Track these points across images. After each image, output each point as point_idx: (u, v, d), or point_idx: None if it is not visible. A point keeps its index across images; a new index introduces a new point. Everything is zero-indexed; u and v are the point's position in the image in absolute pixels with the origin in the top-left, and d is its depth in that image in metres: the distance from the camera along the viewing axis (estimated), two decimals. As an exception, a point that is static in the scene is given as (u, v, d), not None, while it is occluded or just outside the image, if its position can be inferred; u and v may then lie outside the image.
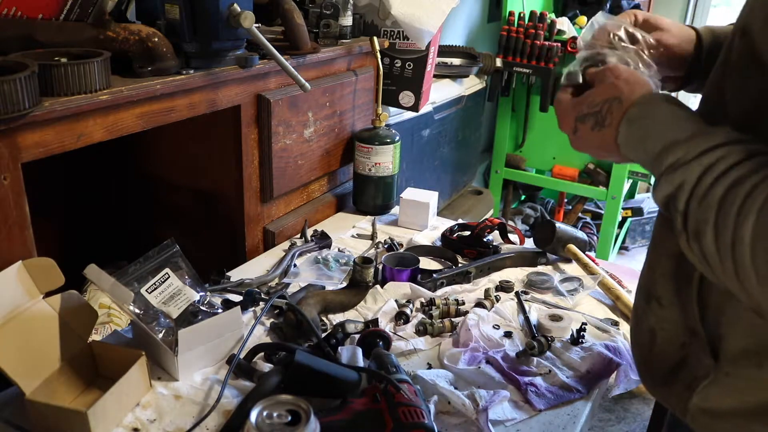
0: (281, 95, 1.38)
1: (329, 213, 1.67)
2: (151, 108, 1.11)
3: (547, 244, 1.41)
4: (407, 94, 1.85)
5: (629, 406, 2.45)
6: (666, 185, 0.63)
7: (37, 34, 1.04)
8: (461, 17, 2.95)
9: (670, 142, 0.64)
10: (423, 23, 1.63)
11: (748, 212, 0.55)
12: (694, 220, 0.60)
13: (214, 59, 1.19)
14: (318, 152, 1.56)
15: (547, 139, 3.14)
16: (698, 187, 0.60)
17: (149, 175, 1.61)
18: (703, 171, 0.60)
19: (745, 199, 0.55)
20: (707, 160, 0.60)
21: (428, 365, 1.06)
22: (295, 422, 0.70)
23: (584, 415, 0.97)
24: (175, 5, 1.12)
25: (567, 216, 3.57)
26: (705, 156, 0.60)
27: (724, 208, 0.57)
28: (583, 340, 1.12)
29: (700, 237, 0.59)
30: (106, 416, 0.88)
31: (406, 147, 2.10)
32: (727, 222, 0.56)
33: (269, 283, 1.30)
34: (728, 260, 0.57)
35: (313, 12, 1.48)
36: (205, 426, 0.90)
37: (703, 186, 0.59)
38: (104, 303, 1.37)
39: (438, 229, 1.59)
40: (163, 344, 1.00)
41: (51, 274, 0.95)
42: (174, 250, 1.10)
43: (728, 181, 0.57)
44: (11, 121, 0.88)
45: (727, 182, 0.57)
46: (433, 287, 1.29)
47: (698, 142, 0.61)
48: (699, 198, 0.59)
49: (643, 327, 0.81)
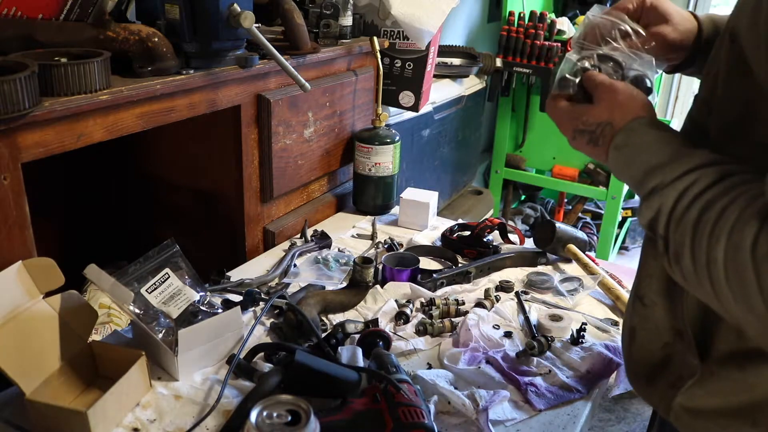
0: (281, 95, 1.38)
1: (329, 213, 1.67)
2: (151, 108, 1.11)
3: (547, 244, 1.41)
4: (407, 94, 1.85)
5: (629, 406, 2.45)
6: (647, 211, 0.65)
7: (37, 34, 1.04)
8: (461, 17, 2.95)
9: (650, 168, 0.66)
10: (423, 23, 1.63)
11: (719, 234, 0.56)
12: (674, 243, 0.62)
13: (214, 59, 1.19)
14: (318, 152, 1.56)
15: (547, 139, 3.14)
16: (675, 211, 0.61)
17: (149, 175, 1.61)
18: (679, 195, 0.61)
19: (717, 221, 0.57)
20: (682, 185, 0.61)
21: (428, 365, 1.06)
22: (295, 422, 0.70)
23: (584, 415, 0.97)
24: (175, 5, 1.12)
25: (567, 216, 3.57)
26: (680, 180, 0.62)
27: (698, 231, 0.58)
28: (583, 340, 1.12)
29: (680, 259, 0.61)
30: (106, 416, 0.88)
31: (406, 147, 2.10)
32: (702, 244, 0.58)
33: (269, 283, 1.30)
34: (706, 281, 0.58)
35: (313, 12, 1.48)
36: (205, 426, 0.90)
37: (679, 210, 0.61)
38: (104, 303, 1.37)
39: (438, 229, 1.59)
40: (163, 344, 1.00)
41: (51, 274, 0.95)
42: (174, 250, 1.10)
43: (701, 204, 0.59)
44: (11, 121, 0.88)
45: (699, 205, 0.59)
46: (433, 287, 1.29)
47: (674, 167, 0.63)
48: (676, 221, 0.61)
49: (625, 325, 0.83)
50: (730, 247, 0.55)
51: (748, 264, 0.53)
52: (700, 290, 0.61)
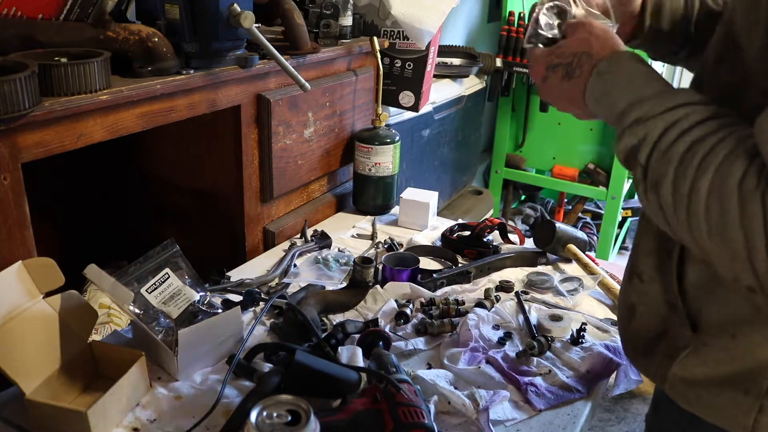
0: (281, 95, 1.38)
1: (329, 213, 1.67)
2: (151, 108, 1.11)
3: (547, 244, 1.41)
4: (407, 94, 1.85)
5: (629, 406, 2.45)
6: (629, 137, 0.66)
7: (37, 34, 1.04)
8: (461, 17, 2.95)
9: (636, 98, 0.66)
10: (423, 23, 1.63)
11: (706, 168, 0.57)
12: (655, 171, 0.62)
13: (214, 59, 1.19)
14: (318, 152, 1.56)
15: (547, 139, 3.14)
16: (661, 141, 0.62)
17: (149, 175, 1.61)
18: (667, 127, 0.62)
19: (705, 155, 0.58)
20: (670, 117, 0.62)
21: (428, 365, 1.06)
22: (295, 422, 0.70)
23: (584, 415, 0.97)
24: (175, 5, 1.12)
25: (567, 216, 3.57)
26: (669, 113, 0.63)
27: (684, 163, 0.59)
28: (583, 340, 1.12)
29: (659, 188, 0.62)
30: (106, 416, 0.88)
31: (406, 147, 2.10)
32: (686, 176, 0.59)
33: (269, 283, 1.30)
34: (683, 212, 0.60)
35: (313, 12, 1.48)
36: (205, 426, 0.90)
37: (666, 141, 0.62)
38: (104, 303, 1.37)
39: (438, 229, 1.59)
40: (163, 344, 1.00)
41: (51, 274, 0.95)
42: (174, 250, 1.10)
43: (690, 138, 0.60)
44: (11, 121, 0.88)
45: (689, 139, 0.60)
46: (433, 287, 1.29)
47: (663, 100, 0.64)
48: (661, 152, 0.62)
49: (624, 303, 0.85)
50: (717, 179, 0.56)
51: (734, 197, 0.55)
52: (673, 220, 0.62)
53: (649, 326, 0.79)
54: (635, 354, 0.84)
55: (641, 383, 1.04)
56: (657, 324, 0.78)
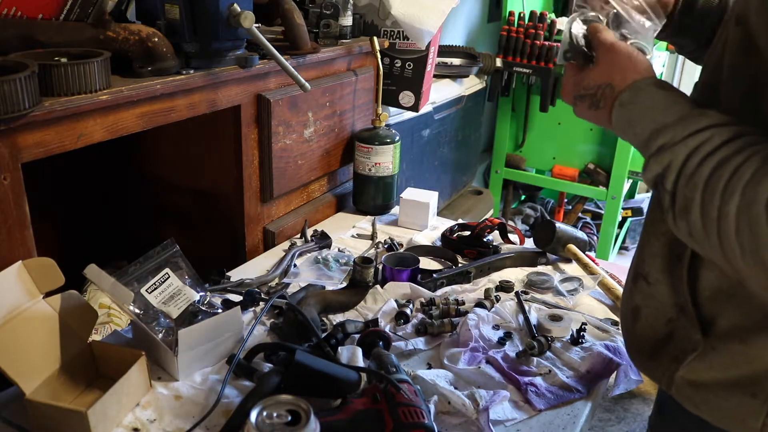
0: (281, 95, 1.38)
1: (329, 213, 1.67)
2: (151, 108, 1.11)
3: (547, 244, 1.41)
4: (407, 94, 1.85)
5: (629, 406, 2.45)
6: (655, 166, 0.66)
7: (37, 34, 1.04)
8: (461, 17, 2.95)
9: (659, 126, 0.67)
10: (423, 23, 1.63)
11: (733, 190, 0.57)
12: (682, 198, 0.63)
13: (214, 59, 1.19)
14: (318, 152, 1.56)
15: (547, 139, 3.14)
16: (685, 167, 0.62)
17: (149, 175, 1.61)
18: (690, 152, 0.62)
19: (731, 177, 0.58)
20: (693, 142, 0.63)
21: (428, 365, 1.06)
22: (295, 422, 0.70)
23: (584, 415, 0.97)
24: (175, 5, 1.12)
25: (567, 216, 3.57)
26: (692, 138, 0.63)
27: (710, 186, 0.59)
28: (583, 340, 1.12)
29: (688, 214, 0.62)
30: (106, 416, 0.88)
31: (406, 147, 2.10)
32: (714, 199, 0.59)
33: (269, 283, 1.30)
34: (714, 236, 0.60)
35: (313, 12, 1.48)
36: (205, 426, 0.90)
37: (690, 166, 0.62)
38: (104, 303, 1.37)
39: (438, 229, 1.59)
40: (163, 344, 1.00)
41: (51, 274, 0.95)
42: (174, 250, 1.10)
43: (714, 161, 0.60)
44: (11, 121, 0.88)
45: (712, 162, 0.60)
46: (433, 287, 1.29)
47: (685, 126, 0.64)
48: (687, 177, 0.62)
49: (628, 305, 0.84)
50: (744, 202, 0.56)
51: (762, 218, 0.55)
52: (705, 244, 0.62)
53: (655, 329, 0.79)
54: (640, 356, 0.84)
55: (641, 383, 1.04)
56: (663, 326, 0.78)
